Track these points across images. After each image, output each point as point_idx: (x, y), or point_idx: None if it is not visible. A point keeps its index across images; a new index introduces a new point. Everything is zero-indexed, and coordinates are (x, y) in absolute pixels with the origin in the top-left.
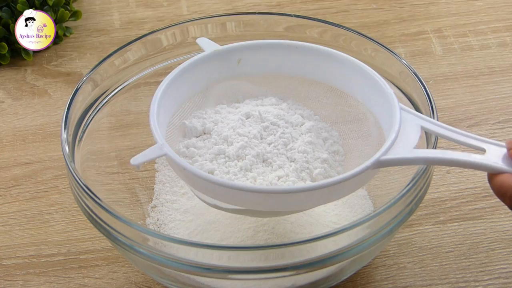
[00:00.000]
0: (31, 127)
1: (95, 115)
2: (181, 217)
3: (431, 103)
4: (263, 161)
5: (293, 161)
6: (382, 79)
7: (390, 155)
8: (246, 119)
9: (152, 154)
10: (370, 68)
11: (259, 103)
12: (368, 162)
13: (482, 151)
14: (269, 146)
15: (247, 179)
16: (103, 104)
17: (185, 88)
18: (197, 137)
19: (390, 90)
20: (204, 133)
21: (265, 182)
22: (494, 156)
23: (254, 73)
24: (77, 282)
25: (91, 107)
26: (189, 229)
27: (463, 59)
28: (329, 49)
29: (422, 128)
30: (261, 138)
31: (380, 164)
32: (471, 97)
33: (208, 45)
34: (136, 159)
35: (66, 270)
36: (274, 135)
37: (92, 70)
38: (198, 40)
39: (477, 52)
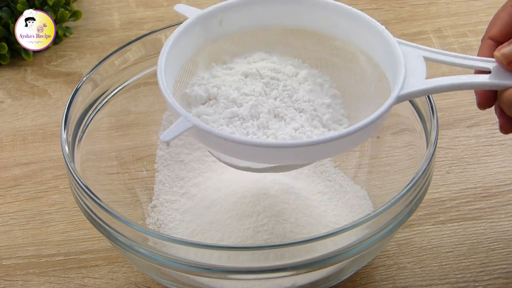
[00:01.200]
0: (31, 127)
1: (95, 115)
2: (181, 217)
3: (431, 103)
4: (275, 116)
5: (302, 111)
6: (371, 18)
7: (407, 89)
8: (246, 78)
9: (181, 128)
10: (356, 9)
11: (251, 60)
12: (390, 100)
13: (487, 71)
14: (275, 101)
15: (268, 136)
16: (103, 104)
17: (177, 61)
18: (203, 104)
19: (381, 26)
20: (210, 99)
21: (286, 136)
22: (499, 73)
23: (236, 30)
24: (77, 282)
25: (91, 107)
26: (189, 229)
27: None
28: None
29: (425, 58)
30: (266, 94)
31: (401, 99)
32: (471, 97)
33: (189, 11)
34: (166, 135)
35: (66, 270)
36: (277, 89)
37: (92, 70)
38: (176, 7)
39: (477, 52)
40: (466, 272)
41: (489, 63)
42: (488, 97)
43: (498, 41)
